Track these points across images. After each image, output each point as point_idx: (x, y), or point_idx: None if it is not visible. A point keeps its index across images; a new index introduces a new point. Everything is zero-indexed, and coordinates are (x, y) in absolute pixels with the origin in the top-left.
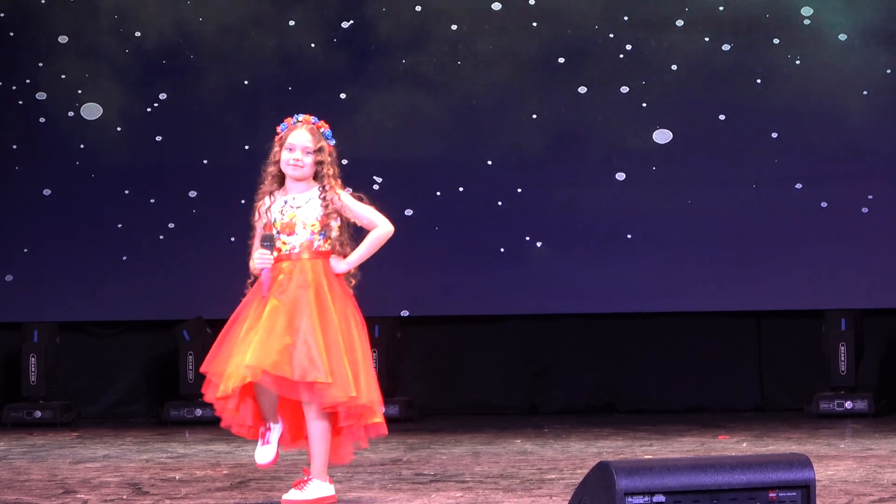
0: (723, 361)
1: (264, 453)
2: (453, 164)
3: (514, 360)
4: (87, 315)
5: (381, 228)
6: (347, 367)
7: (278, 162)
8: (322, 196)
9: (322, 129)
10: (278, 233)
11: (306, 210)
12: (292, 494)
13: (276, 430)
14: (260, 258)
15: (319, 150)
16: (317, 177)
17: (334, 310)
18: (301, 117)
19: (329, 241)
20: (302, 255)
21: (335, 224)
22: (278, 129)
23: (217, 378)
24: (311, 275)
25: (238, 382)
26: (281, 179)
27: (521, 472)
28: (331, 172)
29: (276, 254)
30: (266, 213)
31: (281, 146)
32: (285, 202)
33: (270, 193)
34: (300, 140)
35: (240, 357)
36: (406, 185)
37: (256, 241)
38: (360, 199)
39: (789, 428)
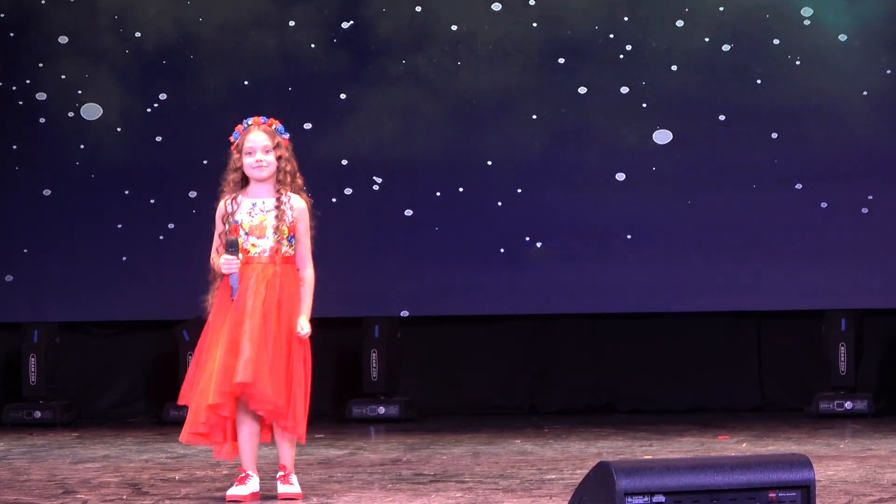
0: (723, 361)
1: (237, 490)
2: (453, 164)
3: (514, 360)
4: (87, 315)
5: (311, 277)
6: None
7: (239, 169)
8: (277, 205)
9: (274, 126)
10: (247, 235)
11: (270, 215)
12: (287, 489)
13: (253, 481)
14: (227, 264)
15: (277, 146)
16: (279, 172)
17: (282, 321)
18: (251, 120)
19: (291, 247)
20: (271, 259)
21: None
22: (231, 138)
23: (207, 393)
24: (271, 282)
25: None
26: (242, 186)
27: (521, 473)
28: (289, 168)
29: (241, 257)
30: (227, 218)
31: (240, 152)
32: (254, 205)
33: (233, 199)
34: (257, 141)
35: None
36: (406, 185)
37: (215, 235)
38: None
39: (789, 428)
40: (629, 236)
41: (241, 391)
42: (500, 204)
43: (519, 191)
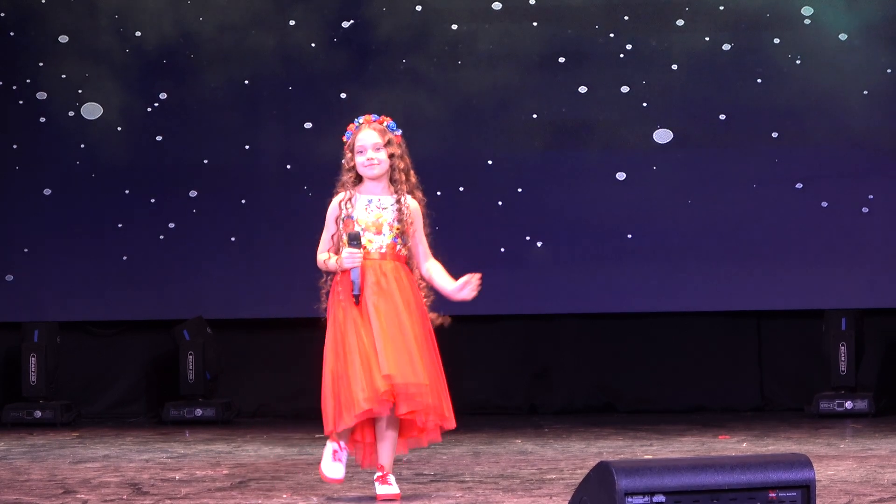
0: (723, 361)
1: (336, 469)
2: (453, 164)
3: (514, 360)
4: (87, 315)
5: (438, 263)
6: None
7: (353, 168)
8: (396, 204)
9: (386, 123)
10: (363, 230)
11: (392, 212)
12: (386, 489)
13: (346, 452)
14: (350, 257)
15: (389, 143)
16: (393, 171)
17: (413, 314)
18: (361, 119)
19: (407, 248)
20: (387, 255)
21: (411, 231)
22: (344, 138)
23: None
24: (393, 278)
25: (384, 393)
26: (355, 185)
27: (521, 472)
28: (402, 165)
29: (362, 251)
30: (346, 205)
31: (353, 152)
32: (369, 201)
33: (347, 200)
34: (368, 139)
35: (374, 371)
36: None
37: (326, 235)
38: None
39: (789, 428)
40: (629, 236)
41: (391, 386)
42: (500, 204)
43: (519, 191)
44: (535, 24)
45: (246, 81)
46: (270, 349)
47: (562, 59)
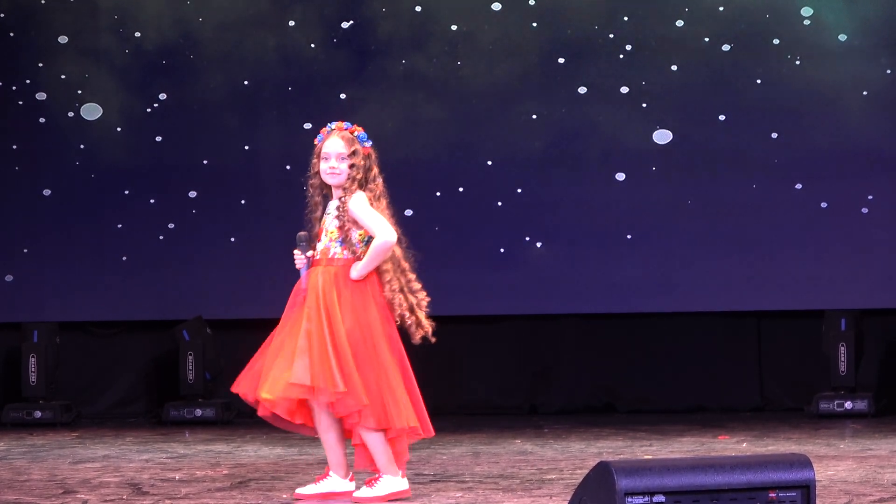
0: (723, 361)
1: (308, 489)
2: (453, 164)
3: (514, 360)
4: (87, 315)
5: (377, 239)
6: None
7: (317, 174)
8: (338, 208)
9: (356, 133)
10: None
11: (330, 217)
12: (363, 492)
13: (330, 481)
14: (296, 258)
15: (353, 154)
16: (349, 181)
17: (341, 318)
18: (334, 125)
19: (348, 250)
20: (320, 262)
21: (357, 233)
22: (316, 140)
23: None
24: (320, 283)
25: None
26: (326, 188)
27: (521, 472)
28: (358, 176)
29: (311, 252)
30: (319, 221)
31: (318, 157)
32: (326, 209)
33: (316, 204)
34: (334, 147)
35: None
36: (406, 185)
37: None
38: (378, 199)
39: (789, 428)
40: (629, 236)
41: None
42: (500, 204)
43: (519, 191)
44: (534, 24)
45: (245, 82)
46: None
47: (562, 60)
